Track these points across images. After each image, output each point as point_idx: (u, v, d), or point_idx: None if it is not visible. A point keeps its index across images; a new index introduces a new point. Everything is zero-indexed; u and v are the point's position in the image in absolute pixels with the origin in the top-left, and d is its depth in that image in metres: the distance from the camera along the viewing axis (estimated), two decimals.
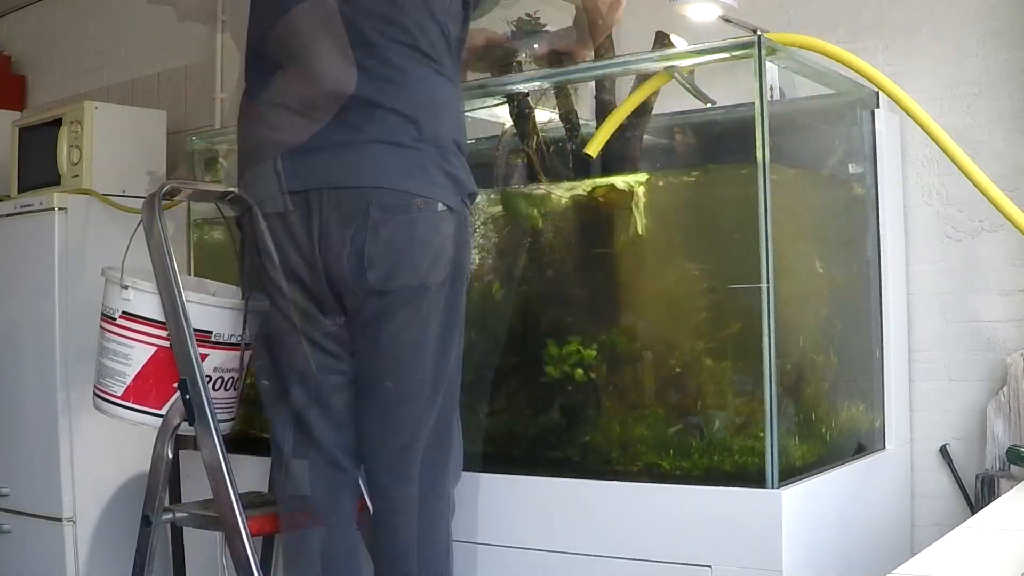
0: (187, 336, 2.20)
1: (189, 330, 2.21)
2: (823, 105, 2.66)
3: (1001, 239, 2.64)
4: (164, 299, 2.23)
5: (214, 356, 2.31)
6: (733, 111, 2.44)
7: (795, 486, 2.14)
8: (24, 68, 4.75)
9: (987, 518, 1.92)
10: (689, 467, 2.22)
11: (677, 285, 2.38)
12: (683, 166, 2.74)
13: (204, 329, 2.28)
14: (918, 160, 2.75)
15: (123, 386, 2.28)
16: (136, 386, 2.28)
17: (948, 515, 2.65)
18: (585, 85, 2.65)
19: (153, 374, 2.27)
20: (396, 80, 2.10)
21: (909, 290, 2.74)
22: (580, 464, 2.34)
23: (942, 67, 2.72)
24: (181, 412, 2.20)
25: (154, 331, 2.26)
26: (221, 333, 2.32)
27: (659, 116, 2.58)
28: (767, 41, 2.18)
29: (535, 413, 2.46)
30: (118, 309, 2.30)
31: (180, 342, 2.21)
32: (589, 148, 2.41)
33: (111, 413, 2.33)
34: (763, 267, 2.12)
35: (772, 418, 2.12)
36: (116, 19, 4.37)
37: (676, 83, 2.37)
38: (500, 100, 2.65)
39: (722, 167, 2.48)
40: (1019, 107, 2.64)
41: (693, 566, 2.10)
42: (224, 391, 2.35)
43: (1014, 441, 2.55)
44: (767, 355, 2.12)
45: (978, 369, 2.67)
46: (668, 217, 2.41)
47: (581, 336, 2.38)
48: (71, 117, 3.41)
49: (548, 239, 2.50)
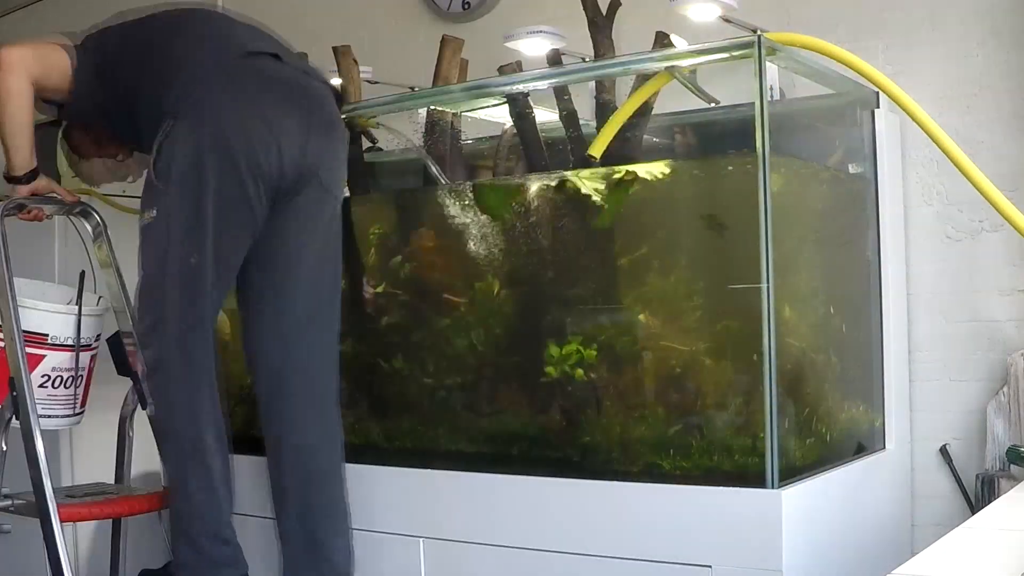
0: (17, 337, 2.36)
1: (19, 331, 2.37)
2: (823, 105, 2.65)
3: (1001, 239, 2.64)
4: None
5: (51, 357, 2.50)
6: (733, 111, 2.44)
7: (795, 486, 2.13)
8: None
9: (987, 518, 1.92)
10: (689, 467, 2.22)
11: (676, 285, 2.37)
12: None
13: (40, 332, 2.48)
14: (918, 160, 2.75)
15: None
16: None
17: (948, 515, 2.65)
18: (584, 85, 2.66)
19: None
20: None
21: (909, 290, 2.74)
22: (580, 464, 2.34)
23: (942, 67, 2.72)
24: (11, 407, 2.39)
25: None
26: (57, 335, 2.51)
27: (659, 116, 2.58)
28: (767, 41, 2.18)
29: (535, 413, 2.47)
30: None
31: (11, 343, 2.37)
32: (592, 150, 2.41)
33: None
34: (763, 267, 2.12)
35: (772, 418, 2.12)
36: None
37: (677, 83, 2.37)
38: (500, 100, 2.65)
39: (722, 159, 2.47)
40: (1019, 107, 2.64)
41: (693, 566, 2.10)
42: (64, 388, 2.54)
43: (1014, 441, 2.55)
44: (767, 355, 2.12)
45: (978, 369, 2.67)
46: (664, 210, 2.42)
47: (581, 336, 2.38)
48: None
49: (540, 231, 2.50)
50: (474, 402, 2.55)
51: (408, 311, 2.71)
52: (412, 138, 2.83)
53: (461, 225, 2.57)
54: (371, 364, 2.70)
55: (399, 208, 2.84)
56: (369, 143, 2.90)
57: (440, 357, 2.59)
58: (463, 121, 2.85)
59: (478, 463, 2.43)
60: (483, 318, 2.51)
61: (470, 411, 2.55)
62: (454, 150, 2.79)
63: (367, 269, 2.76)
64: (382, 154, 2.95)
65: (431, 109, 2.77)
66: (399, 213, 2.83)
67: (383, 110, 2.81)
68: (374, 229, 2.81)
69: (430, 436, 2.59)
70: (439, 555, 2.43)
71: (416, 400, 2.64)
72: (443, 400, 2.59)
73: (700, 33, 2.58)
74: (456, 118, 2.81)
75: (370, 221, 2.79)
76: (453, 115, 2.80)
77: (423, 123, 2.81)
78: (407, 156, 2.88)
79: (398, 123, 2.86)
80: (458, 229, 2.57)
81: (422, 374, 2.62)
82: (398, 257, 2.71)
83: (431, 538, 2.44)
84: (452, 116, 2.80)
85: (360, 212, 2.76)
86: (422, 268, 2.69)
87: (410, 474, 2.50)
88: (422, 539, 2.45)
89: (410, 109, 2.79)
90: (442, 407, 2.59)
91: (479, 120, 2.88)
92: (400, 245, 2.74)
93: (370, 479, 2.54)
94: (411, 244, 2.72)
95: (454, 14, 3.50)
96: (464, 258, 2.57)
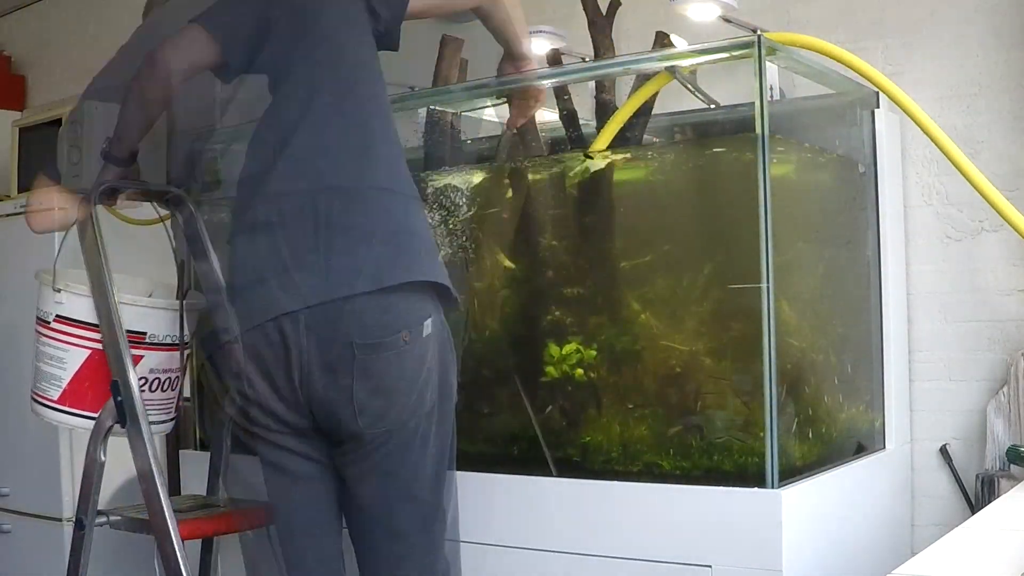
0: (119, 338, 2.16)
1: (121, 332, 2.16)
2: (823, 105, 2.65)
3: (1001, 239, 2.64)
4: (97, 301, 2.19)
5: (149, 357, 2.26)
6: (733, 111, 2.44)
7: (795, 486, 2.13)
8: (24, 68, 4.75)
9: (987, 518, 1.92)
10: (689, 467, 2.22)
11: (677, 283, 2.38)
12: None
13: (138, 330, 2.24)
14: (918, 160, 2.75)
15: (59, 390, 2.26)
16: (72, 389, 2.26)
17: (948, 515, 2.65)
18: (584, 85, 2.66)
19: (88, 377, 2.24)
20: None
21: (909, 290, 2.74)
22: (580, 464, 2.34)
23: (942, 67, 2.72)
24: (114, 414, 2.17)
25: (88, 334, 2.23)
26: (156, 334, 2.28)
27: (659, 116, 2.58)
28: (767, 41, 2.18)
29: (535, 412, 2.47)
30: (52, 312, 2.28)
31: (112, 344, 2.17)
32: (592, 150, 2.41)
33: (48, 418, 2.30)
34: (763, 267, 2.12)
35: (772, 418, 2.12)
36: (116, 19, 4.36)
37: (677, 83, 2.37)
38: (500, 100, 2.65)
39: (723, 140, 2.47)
40: (1019, 107, 2.64)
41: (693, 566, 2.10)
42: (161, 392, 2.31)
43: (1014, 441, 2.55)
44: (767, 355, 2.12)
45: (978, 369, 2.67)
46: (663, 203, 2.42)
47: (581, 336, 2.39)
48: (71, 117, 3.40)
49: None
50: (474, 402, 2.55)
51: None
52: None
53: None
54: None
55: None
56: None
57: None
58: (463, 121, 2.85)
59: (478, 463, 2.43)
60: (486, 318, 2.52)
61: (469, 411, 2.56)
62: (454, 150, 2.79)
63: None
64: None
65: (431, 109, 2.77)
66: None
67: None
68: None
69: None
70: None
71: None
72: None
73: (700, 33, 2.59)
74: (456, 118, 2.81)
75: None
76: (453, 115, 2.80)
77: (423, 123, 2.80)
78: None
79: (398, 123, 2.85)
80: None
81: None
82: None
83: None
84: (452, 116, 2.80)
85: None
86: None
87: None
88: None
89: (410, 109, 2.79)
90: None
91: (479, 120, 2.88)
92: None
93: None
94: None
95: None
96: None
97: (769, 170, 2.12)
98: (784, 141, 2.32)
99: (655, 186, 2.47)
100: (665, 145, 2.71)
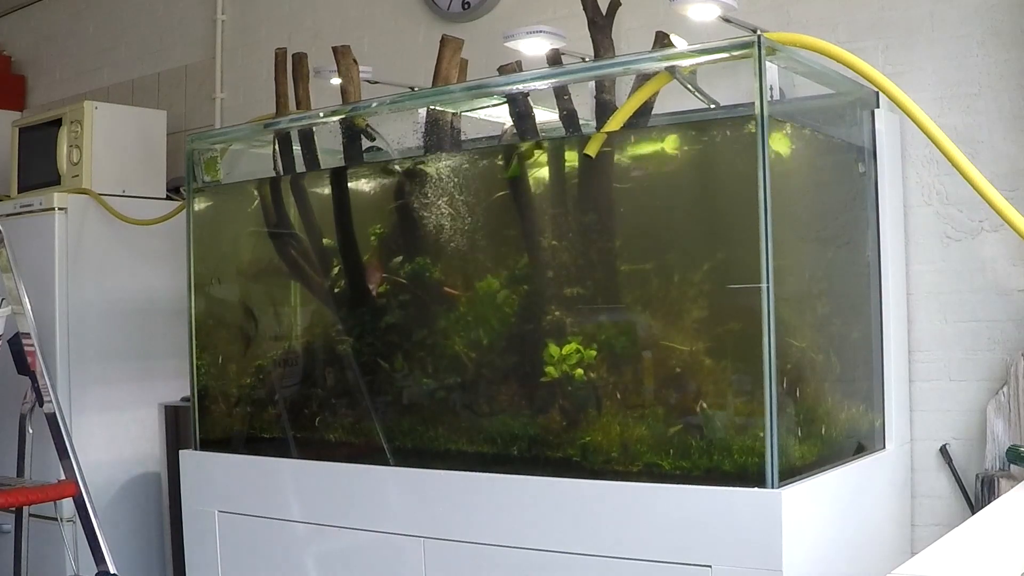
0: None
1: None
2: (823, 105, 2.65)
3: (1001, 239, 2.64)
4: None
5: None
6: (733, 111, 2.44)
7: (795, 486, 2.13)
8: (24, 68, 4.75)
9: (987, 518, 1.92)
10: (689, 467, 2.22)
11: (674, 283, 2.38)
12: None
13: None
14: (918, 160, 2.75)
15: None
16: None
17: (948, 515, 2.65)
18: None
19: None
20: None
21: (909, 290, 2.74)
22: (580, 464, 2.34)
23: (942, 67, 2.72)
24: None
25: None
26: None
27: (659, 116, 2.58)
28: (767, 41, 2.18)
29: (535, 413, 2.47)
30: None
31: None
32: (588, 149, 2.41)
33: None
34: (763, 266, 2.12)
35: (772, 418, 2.12)
36: (116, 19, 4.37)
37: (677, 83, 2.37)
38: (500, 100, 2.65)
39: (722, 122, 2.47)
40: (1019, 107, 2.64)
41: (693, 566, 2.10)
42: None
43: (1014, 441, 2.55)
44: (767, 355, 2.12)
45: (978, 369, 2.67)
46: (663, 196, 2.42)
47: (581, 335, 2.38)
48: (71, 117, 3.41)
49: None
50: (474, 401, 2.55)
51: (409, 309, 2.71)
52: None
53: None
54: (371, 364, 2.70)
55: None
56: (369, 142, 2.89)
57: (440, 357, 2.59)
58: (463, 121, 2.85)
59: (478, 463, 2.43)
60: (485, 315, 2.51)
61: (470, 411, 2.55)
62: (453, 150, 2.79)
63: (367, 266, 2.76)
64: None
65: (431, 109, 2.77)
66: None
67: (383, 110, 2.81)
68: (373, 229, 2.81)
69: (430, 436, 2.59)
70: (440, 555, 2.43)
71: (416, 400, 2.64)
72: (443, 400, 2.59)
73: (700, 33, 2.59)
74: (456, 118, 2.81)
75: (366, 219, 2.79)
76: (453, 115, 2.80)
77: (423, 123, 2.81)
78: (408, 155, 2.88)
79: (398, 123, 2.86)
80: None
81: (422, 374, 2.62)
82: (399, 257, 2.71)
83: (432, 538, 2.44)
84: (452, 116, 2.80)
85: None
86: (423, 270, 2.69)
87: (411, 474, 2.50)
88: (423, 539, 2.45)
89: (410, 109, 2.79)
90: (442, 407, 2.59)
91: (479, 120, 2.88)
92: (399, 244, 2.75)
93: (371, 479, 2.54)
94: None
95: (454, 14, 3.50)
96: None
97: (769, 170, 2.12)
98: (787, 132, 2.32)
99: (655, 181, 2.47)
100: (663, 132, 2.71)
